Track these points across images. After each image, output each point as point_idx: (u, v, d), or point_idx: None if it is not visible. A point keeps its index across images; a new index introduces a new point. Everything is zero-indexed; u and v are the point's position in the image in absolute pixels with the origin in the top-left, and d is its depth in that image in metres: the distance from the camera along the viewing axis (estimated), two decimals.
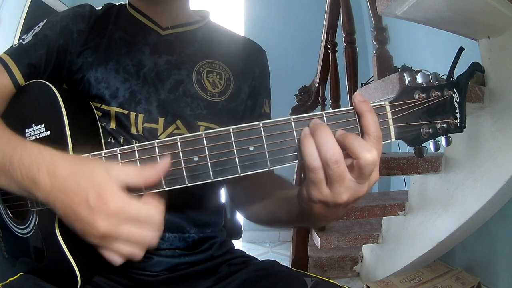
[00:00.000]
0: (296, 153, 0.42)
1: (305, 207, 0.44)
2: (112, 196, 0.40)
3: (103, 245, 0.41)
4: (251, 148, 0.42)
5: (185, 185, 0.43)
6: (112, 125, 0.63)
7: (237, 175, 0.42)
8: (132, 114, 0.63)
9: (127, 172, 0.42)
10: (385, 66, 1.45)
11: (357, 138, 0.38)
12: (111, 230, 0.40)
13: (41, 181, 0.42)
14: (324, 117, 0.42)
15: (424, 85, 0.44)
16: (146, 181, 0.42)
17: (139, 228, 0.41)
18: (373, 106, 0.42)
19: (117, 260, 0.42)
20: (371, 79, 1.64)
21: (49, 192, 0.42)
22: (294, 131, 0.42)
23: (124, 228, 0.40)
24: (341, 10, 1.70)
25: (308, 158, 0.39)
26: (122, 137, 0.63)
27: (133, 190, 0.42)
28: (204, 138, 0.42)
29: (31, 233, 0.57)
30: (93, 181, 0.40)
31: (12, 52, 0.62)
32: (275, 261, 0.70)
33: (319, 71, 1.97)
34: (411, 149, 0.45)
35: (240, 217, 0.87)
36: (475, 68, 0.44)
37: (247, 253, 0.76)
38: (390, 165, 1.40)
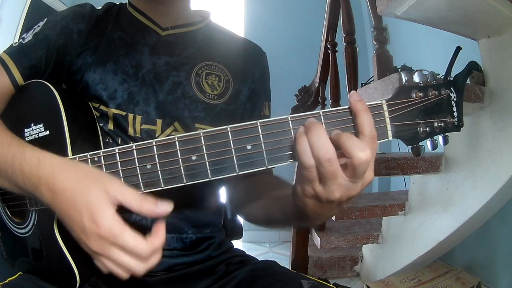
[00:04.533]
0: (293, 151, 0.42)
1: (299, 204, 0.44)
2: (104, 220, 0.41)
3: (93, 257, 0.44)
4: (249, 147, 0.42)
5: (183, 184, 0.44)
6: (110, 126, 0.62)
7: (235, 174, 0.43)
8: (130, 116, 0.62)
9: (125, 195, 0.42)
10: (385, 66, 1.45)
11: (351, 137, 0.39)
12: (100, 250, 0.42)
13: (43, 192, 0.45)
14: (321, 116, 0.42)
15: (422, 84, 0.44)
16: (141, 210, 0.42)
17: (125, 256, 0.42)
18: (370, 105, 0.42)
19: (104, 270, 0.44)
20: (371, 79, 1.63)
21: (50, 202, 0.45)
22: (292, 130, 0.42)
23: (112, 251, 0.42)
24: (341, 10, 1.69)
25: (302, 156, 0.39)
26: (120, 138, 0.62)
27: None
28: (202, 137, 0.42)
29: (30, 232, 0.57)
30: (87, 201, 0.42)
31: (12, 52, 0.62)
32: (274, 261, 0.69)
33: (319, 71, 1.96)
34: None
35: (240, 217, 0.87)
36: (472, 67, 0.44)
37: (246, 253, 0.75)
38: (390, 165, 1.40)
